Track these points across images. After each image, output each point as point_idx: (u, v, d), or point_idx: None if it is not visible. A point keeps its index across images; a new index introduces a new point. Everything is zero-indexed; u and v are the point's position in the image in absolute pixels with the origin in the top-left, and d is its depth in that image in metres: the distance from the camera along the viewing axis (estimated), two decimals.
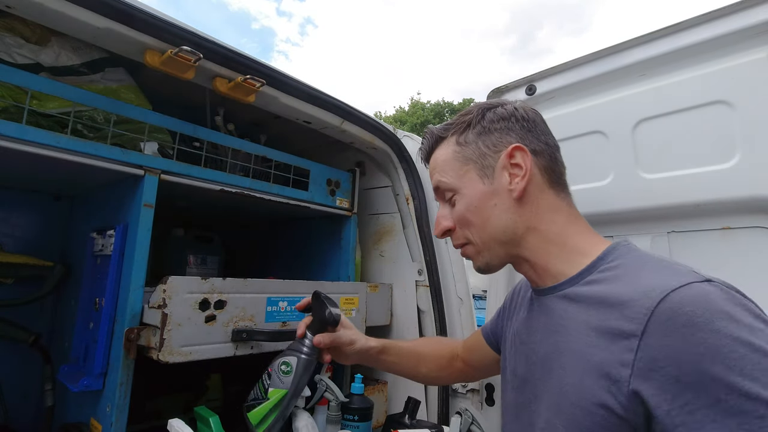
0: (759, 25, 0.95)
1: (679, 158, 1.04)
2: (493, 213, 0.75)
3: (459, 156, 0.79)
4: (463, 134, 0.80)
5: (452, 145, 0.80)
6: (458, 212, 0.78)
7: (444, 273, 1.57)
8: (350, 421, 1.21)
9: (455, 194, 0.78)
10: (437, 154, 0.83)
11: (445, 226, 0.81)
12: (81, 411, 1.11)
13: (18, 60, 1.02)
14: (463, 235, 0.79)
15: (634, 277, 0.63)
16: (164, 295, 0.96)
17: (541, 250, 0.74)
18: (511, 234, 0.75)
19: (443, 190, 0.80)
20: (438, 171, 0.81)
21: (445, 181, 0.80)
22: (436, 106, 22.29)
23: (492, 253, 0.77)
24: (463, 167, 0.78)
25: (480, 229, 0.76)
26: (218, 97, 1.20)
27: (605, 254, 0.70)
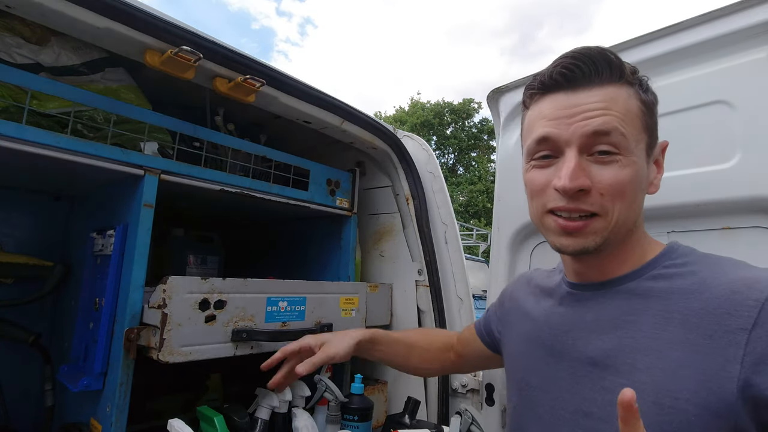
0: (759, 25, 0.95)
1: (679, 158, 1.04)
2: (638, 198, 0.66)
3: (643, 118, 0.65)
4: (646, 94, 0.66)
5: (637, 98, 0.65)
6: (615, 177, 0.62)
7: (444, 273, 1.57)
8: (350, 421, 1.21)
9: (620, 154, 0.62)
10: (612, 93, 0.63)
11: (584, 183, 0.63)
12: (81, 411, 1.11)
13: (18, 60, 1.02)
14: (600, 203, 0.63)
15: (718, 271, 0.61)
16: (164, 295, 0.96)
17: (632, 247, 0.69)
18: (632, 225, 0.67)
19: (613, 142, 0.62)
20: (615, 115, 0.62)
21: (624, 132, 0.62)
22: (436, 106, 22.30)
23: (613, 237, 0.65)
24: (642, 132, 0.65)
25: (627, 206, 0.64)
26: (218, 97, 1.20)
27: (667, 251, 0.68)
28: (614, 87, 0.64)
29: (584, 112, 0.63)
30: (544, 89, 0.68)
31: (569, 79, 0.65)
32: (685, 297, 0.60)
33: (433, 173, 1.63)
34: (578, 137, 0.63)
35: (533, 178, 0.70)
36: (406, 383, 1.59)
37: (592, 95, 0.63)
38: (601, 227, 0.64)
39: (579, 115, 0.63)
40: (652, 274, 0.66)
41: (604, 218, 0.64)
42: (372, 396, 1.48)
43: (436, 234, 1.59)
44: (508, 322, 0.92)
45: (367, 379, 1.60)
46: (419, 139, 1.71)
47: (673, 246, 0.69)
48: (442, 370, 1.20)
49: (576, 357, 0.70)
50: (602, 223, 0.64)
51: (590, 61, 0.64)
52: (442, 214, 1.60)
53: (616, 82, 0.64)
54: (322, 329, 1.24)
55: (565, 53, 0.66)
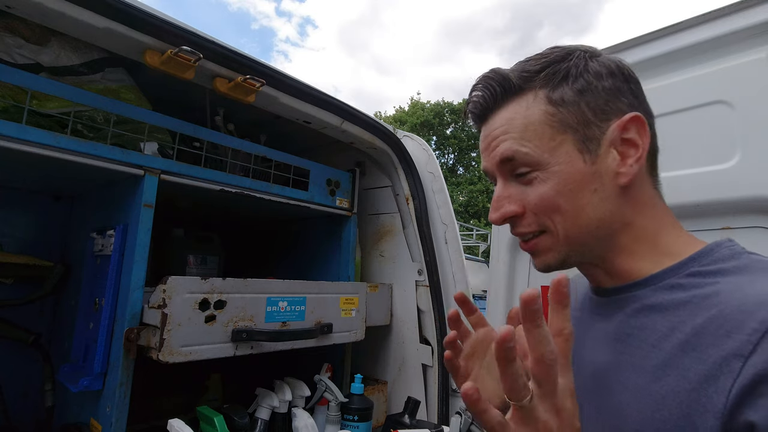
0: (759, 25, 0.95)
1: (679, 158, 1.04)
2: (591, 200, 0.58)
3: (553, 120, 0.59)
4: (559, 89, 0.59)
5: (541, 102, 0.59)
6: (540, 194, 0.59)
7: (444, 273, 1.57)
8: (350, 422, 1.21)
9: (536, 170, 0.59)
10: (511, 112, 0.61)
11: (509, 211, 0.60)
12: (81, 411, 1.11)
13: (18, 60, 1.02)
14: (538, 222, 0.60)
15: (745, 283, 0.50)
16: (164, 295, 0.96)
17: (629, 251, 0.60)
18: (606, 229, 0.59)
19: (518, 163, 0.59)
20: (513, 137, 0.60)
21: (525, 151, 0.58)
22: (436, 106, 22.30)
23: (574, 249, 0.60)
24: (557, 136, 0.58)
25: (571, 218, 0.58)
26: (218, 97, 1.20)
27: (699, 255, 0.56)
28: (514, 102, 0.61)
29: (491, 142, 0.62)
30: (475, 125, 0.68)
31: (478, 114, 0.65)
32: (693, 312, 0.51)
33: (433, 173, 1.63)
34: (496, 168, 0.63)
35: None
36: (406, 383, 1.59)
37: (495, 122, 0.62)
38: (549, 243, 0.61)
39: (490, 146, 0.63)
40: (669, 283, 0.56)
41: (549, 234, 0.60)
42: (372, 396, 1.48)
43: (436, 234, 1.59)
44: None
45: (367, 379, 1.60)
46: (419, 139, 1.71)
47: (711, 248, 0.57)
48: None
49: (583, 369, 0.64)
50: (549, 239, 0.61)
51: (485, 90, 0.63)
52: (442, 214, 1.60)
53: (515, 95, 0.61)
54: (321, 329, 1.24)
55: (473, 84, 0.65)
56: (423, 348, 1.55)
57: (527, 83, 0.60)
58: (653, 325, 0.55)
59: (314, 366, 1.40)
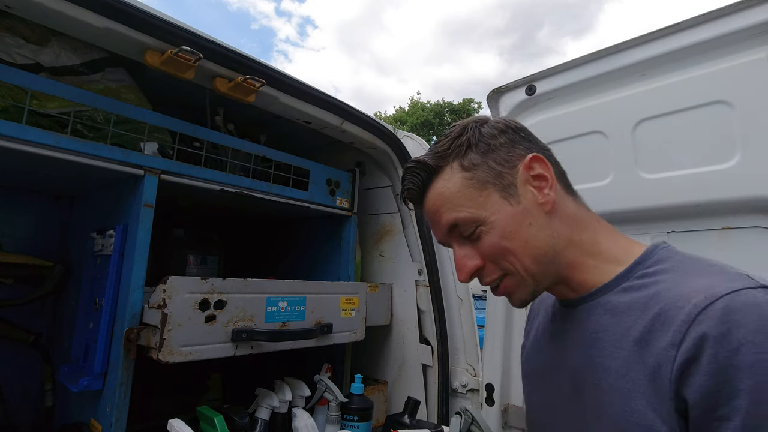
0: (759, 26, 0.95)
1: (679, 158, 1.04)
2: (530, 233, 0.66)
3: (472, 182, 0.68)
4: (466, 157, 0.69)
5: (457, 172, 0.69)
6: (490, 244, 0.66)
7: (444, 273, 1.57)
8: (350, 422, 1.21)
9: (480, 226, 0.67)
10: (439, 188, 0.70)
11: (473, 266, 0.68)
12: (81, 411, 1.11)
13: (18, 60, 1.02)
14: (498, 267, 0.68)
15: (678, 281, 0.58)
16: (164, 295, 0.96)
17: (579, 264, 0.68)
18: (553, 252, 0.67)
19: (463, 226, 0.68)
20: (448, 207, 0.68)
21: (464, 215, 0.67)
22: (435, 106, 22.30)
23: (537, 278, 0.67)
24: (481, 193, 0.67)
25: (521, 254, 0.66)
26: (218, 97, 1.20)
27: (642, 258, 0.64)
28: (437, 180, 0.70)
29: (432, 218, 0.72)
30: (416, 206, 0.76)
31: (414, 199, 0.74)
32: (642, 311, 0.59)
33: None
34: (445, 238, 0.72)
35: None
36: (406, 383, 1.59)
37: (429, 201, 0.71)
38: (515, 282, 0.68)
39: (434, 221, 0.72)
40: (623, 287, 0.64)
41: (512, 275, 0.68)
42: (372, 396, 1.48)
43: None
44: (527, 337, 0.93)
45: (367, 379, 1.60)
46: (419, 139, 1.70)
47: (650, 251, 0.65)
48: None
49: (560, 376, 0.70)
50: (513, 279, 0.68)
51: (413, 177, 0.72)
52: None
53: (437, 174, 0.70)
54: (321, 329, 1.24)
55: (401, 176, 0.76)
56: (423, 348, 1.55)
57: (441, 161, 0.70)
58: (613, 328, 0.62)
59: (314, 366, 1.40)
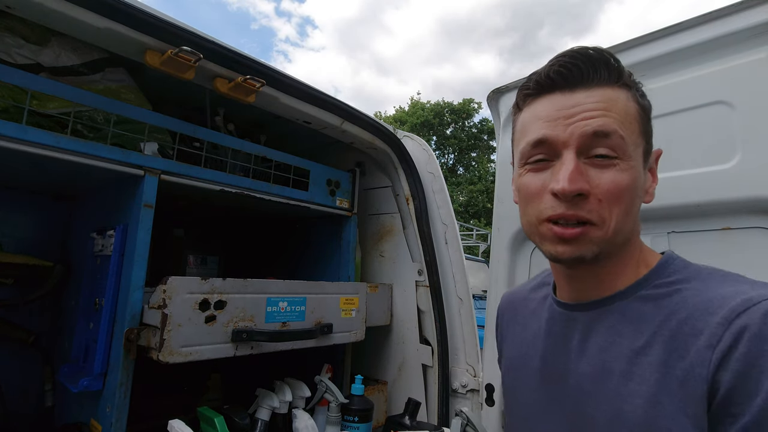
0: (759, 26, 0.95)
1: (680, 159, 1.04)
2: (637, 206, 0.62)
3: (641, 123, 0.62)
4: (644, 99, 0.64)
5: (635, 101, 0.62)
6: (618, 182, 0.59)
7: (444, 273, 1.57)
8: (350, 422, 1.21)
9: (618, 158, 0.59)
10: (612, 95, 0.61)
11: (584, 188, 0.59)
12: (81, 411, 1.11)
13: (18, 60, 1.02)
14: (598, 211, 0.59)
15: (702, 289, 0.58)
16: (164, 296, 0.96)
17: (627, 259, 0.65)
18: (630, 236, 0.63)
19: (611, 145, 0.59)
20: (615, 117, 0.59)
21: (624, 136, 0.59)
22: (436, 106, 22.29)
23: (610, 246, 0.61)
24: (640, 137, 0.62)
25: (625, 214, 0.60)
26: (218, 97, 1.20)
27: (660, 267, 0.64)
28: (612, 89, 0.61)
29: (583, 112, 0.60)
30: (540, 90, 0.64)
31: (567, 78, 0.62)
32: (667, 318, 0.58)
33: (433, 173, 1.63)
34: (577, 138, 0.60)
35: (527, 183, 0.65)
36: (406, 383, 1.59)
37: (591, 95, 0.60)
38: (597, 236, 0.60)
39: (578, 116, 0.60)
40: (641, 294, 0.62)
41: (600, 227, 0.60)
42: (372, 396, 1.48)
43: (436, 234, 1.59)
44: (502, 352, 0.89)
45: (367, 379, 1.60)
46: (419, 139, 1.71)
47: (667, 260, 0.65)
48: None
49: (564, 383, 0.67)
50: (599, 232, 0.60)
51: (588, 61, 0.61)
52: (442, 214, 1.60)
53: (615, 84, 0.61)
54: (322, 329, 1.24)
55: (562, 52, 0.63)
56: (423, 348, 1.55)
57: (629, 80, 0.62)
58: (633, 334, 0.60)
59: (314, 366, 1.40)
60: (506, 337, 0.87)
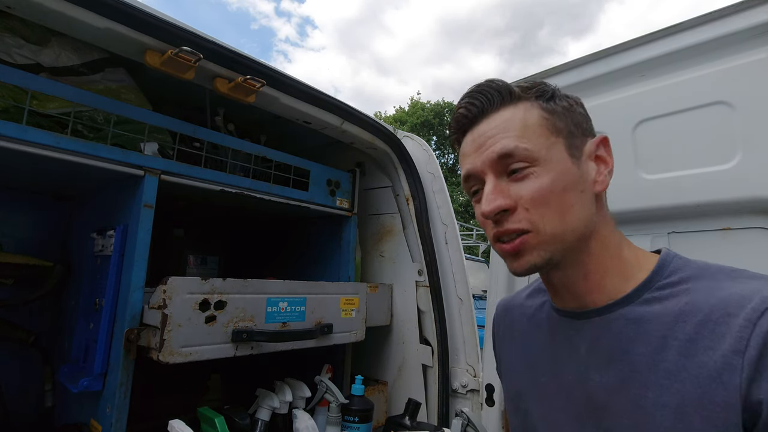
0: (759, 26, 0.95)
1: (680, 159, 1.04)
2: (578, 200, 0.63)
3: (548, 122, 0.65)
4: (550, 102, 0.67)
5: (537, 108, 0.66)
6: (536, 187, 0.62)
7: (444, 273, 1.57)
8: (350, 423, 1.21)
9: (533, 166, 0.63)
10: (507, 116, 0.66)
11: (503, 204, 0.62)
12: (81, 411, 1.11)
13: (18, 60, 1.02)
14: (527, 218, 0.62)
15: (712, 287, 0.57)
16: (164, 296, 0.96)
17: (601, 258, 0.65)
18: (585, 230, 0.63)
19: (517, 159, 0.63)
20: (513, 135, 0.64)
21: (525, 147, 0.62)
22: (436, 106, 22.30)
23: (558, 248, 0.62)
24: (551, 137, 0.64)
25: (558, 215, 0.62)
26: (218, 98, 1.20)
27: (660, 268, 0.63)
28: (509, 109, 0.66)
29: (486, 140, 0.66)
30: (458, 132, 0.72)
31: (469, 117, 0.69)
32: (679, 321, 0.57)
33: (433, 173, 1.63)
34: (488, 165, 0.65)
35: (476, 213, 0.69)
36: (406, 383, 1.59)
37: (490, 123, 0.66)
38: (536, 241, 0.62)
39: (484, 145, 0.66)
40: (645, 298, 0.61)
41: (535, 233, 0.62)
42: (372, 397, 1.48)
43: (436, 234, 1.59)
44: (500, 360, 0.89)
45: (368, 379, 1.60)
46: (419, 139, 1.70)
47: (665, 260, 0.64)
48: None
49: (575, 395, 0.66)
50: (536, 238, 0.62)
51: (481, 95, 0.67)
52: (442, 214, 1.60)
53: (509, 103, 0.67)
54: (322, 330, 1.24)
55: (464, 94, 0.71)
56: (423, 348, 1.55)
57: (524, 93, 0.67)
58: (645, 339, 0.59)
59: (315, 366, 1.40)
60: (504, 345, 0.86)
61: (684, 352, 0.55)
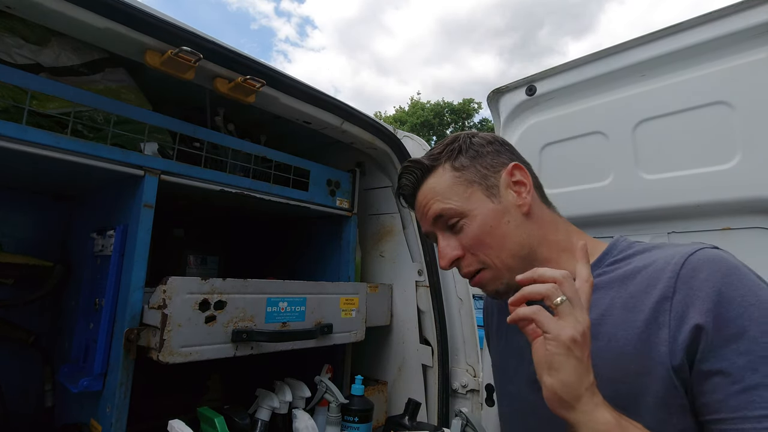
0: (759, 26, 0.95)
1: (680, 159, 1.04)
2: (508, 230, 0.75)
3: (460, 179, 0.78)
4: (457, 159, 0.79)
5: (448, 171, 0.79)
6: (471, 235, 0.75)
7: (444, 273, 1.57)
8: (350, 423, 1.21)
9: (462, 219, 0.76)
10: (431, 184, 0.80)
11: (454, 255, 0.77)
12: (81, 411, 1.11)
13: (18, 60, 1.02)
14: (477, 260, 0.76)
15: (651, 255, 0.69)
16: (164, 296, 0.96)
17: (555, 259, 0.76)
18: (527, 248, 0.75)
19: (448, 217, 0.77)
20: (437, 199, 0.78)
21: (450, 207, 0.77)
22: (435, 106, 22.30)
23: (510, 274, 0.73)
24: (467, 190, 0.77)
25: (498, 248, 0.74)
26: (218, 98, 1.20)
27: (609, 249, 0.75)
28: (431, 177, 0.81)
29: (423, 209, 0.81)
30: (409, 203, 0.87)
31: (407, 195, 0.85)
32: (623, 283, 0.69)
33: None
34: (431, 226, 0.81)
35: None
36: (406, 384, 1.59)
37: (421, 194, 0.82)
38: (491, 275, 0.76)
39: (423, 213, 0.81)
40: (597, 273, 0.73)
41: (489, 267, 0.76)
42: (372, 397, 1.48)
43: None
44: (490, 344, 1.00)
45: (367, 379, 1.60)
46: (419, 139, 1.70)
47: (614, 243, 0.76)
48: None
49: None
50: (489, 273, 0.76)
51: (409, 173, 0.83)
52: None
53: (429, 173, 0.81)
54: (322, 330, 1.24)
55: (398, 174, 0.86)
56: (423, 348, 1.55)
57: (436, 161, 0.81)
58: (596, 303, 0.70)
59: (315, 367, 1.40)
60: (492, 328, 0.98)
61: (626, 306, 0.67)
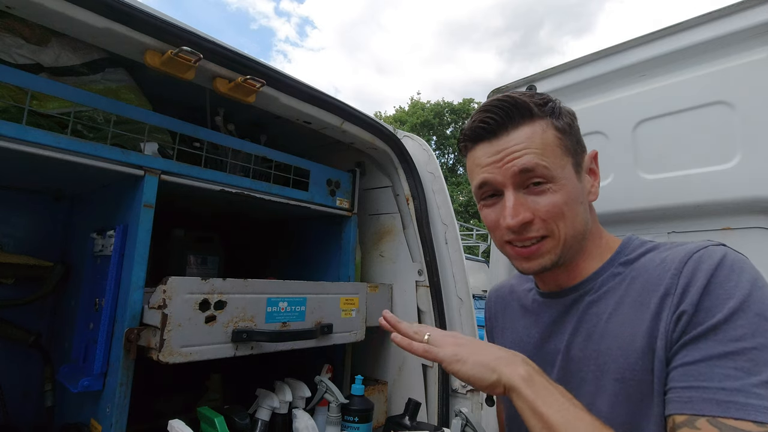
0: (759, 26, 0.95)
1: (680, 159, 1.04)
2: (580, 210, 0.74)
3: (561, 143, 0.73)
4: (560, 120, 0.74)
5: (551, 128, 0.73)
6: (553, 202, 0.71)
7: (444, 273, 1.56)
8: (350, 423, 1.21)
9: (549, 183, 0.71)
10: (527, 132, 0.72)
11: (526, 217, 0.71)
12: (81, 411, 1.11)
13: (18, 60, 1.02)
14: (545, 227, 0.72)
15: (653, 258, 0.70)
16: (164, 296, 0.96)
17: (589, 251, 0.77)
18: (584, 233, 0.76)
19: (538, 175, 0.71)
20: (536, 152, 0.70)
21: (545, 165, 0.70)
22: (436, 106, 22.30)
23: (569, 250, 0.74)
24: (564, 157, 0.72)
25: (570, 223, 0.72)
26: (218, 98, 1.20)
27: (621, 248, 0.76)
28: (528, 125, 0.72)
29: (507, 156, 0.72)
30: (472, 140, 0.77)
31: (487, 130, 0.74)
32: (632, 283, 0.71)
33: (433, 173, 1.63)
34: (509, 178, 0.72)
35: (486, 215, 0.78)
36: (406, 383, 1.59)
37: (511, 139, 0.72)
38: (551, 246, 0.73)
39: (504, 159, 0.72)
40: (611, 272, 0.75)
41: (552, 238, 0.73)
42: (372, 396, 1.48)
43: (436, 234, 1.59)
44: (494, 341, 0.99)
45: (368, 379, 1.60)
46: (419, 139, 1.70)
47: (626, 242, 0.77)
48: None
49: (560, 357, 0.77)
50: (552, 243, 0.73)
51: (501, 111, 0.73)
52: (442, 214, 1.60)
53: (528, 120, 0.72)
54: (322, 330, 1.24)
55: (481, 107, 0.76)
56: None
57: (540, 111, 0.73)
58: (606, 301, 0.73)
59: (315, 366, 1.40)
60: (497, 326, 0.97)
61: (634, 304, 0.68)
